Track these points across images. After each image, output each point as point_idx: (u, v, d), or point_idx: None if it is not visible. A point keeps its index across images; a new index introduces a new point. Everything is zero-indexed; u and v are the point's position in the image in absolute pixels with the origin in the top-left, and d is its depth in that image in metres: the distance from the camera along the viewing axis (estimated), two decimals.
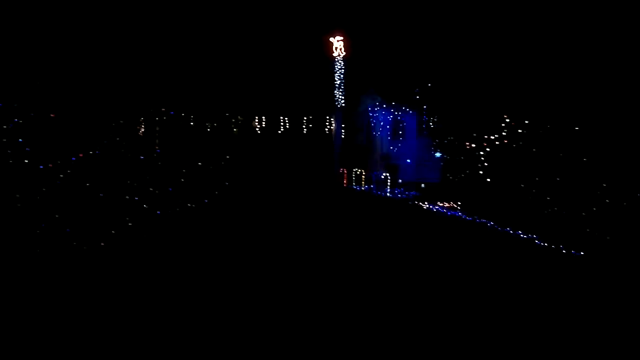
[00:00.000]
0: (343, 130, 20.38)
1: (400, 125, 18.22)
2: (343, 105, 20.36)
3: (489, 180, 13.39)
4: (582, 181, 10.91)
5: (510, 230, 12.31)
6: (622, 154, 10.36)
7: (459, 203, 14.81)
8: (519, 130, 12.37)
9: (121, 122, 9.63)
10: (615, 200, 10.46)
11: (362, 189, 18.91)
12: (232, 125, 18.47)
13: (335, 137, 20.39)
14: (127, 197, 9.34)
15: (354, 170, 19.42)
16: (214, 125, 17.08)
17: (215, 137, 16.79)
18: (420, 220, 14.49)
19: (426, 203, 15.75)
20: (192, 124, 13.88)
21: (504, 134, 12.91)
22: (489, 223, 12.96)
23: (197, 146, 13.55)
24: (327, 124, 20.45)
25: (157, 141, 11.16)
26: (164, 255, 8.95)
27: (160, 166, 10.66)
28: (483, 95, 14.17)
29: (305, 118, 20.09)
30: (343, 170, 20.06)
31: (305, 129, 20.17)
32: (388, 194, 17.56)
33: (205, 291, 7.74)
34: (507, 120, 12.70)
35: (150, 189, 10.00)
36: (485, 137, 13.42)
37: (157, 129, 11.63)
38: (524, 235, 11.95)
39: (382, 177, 17.77)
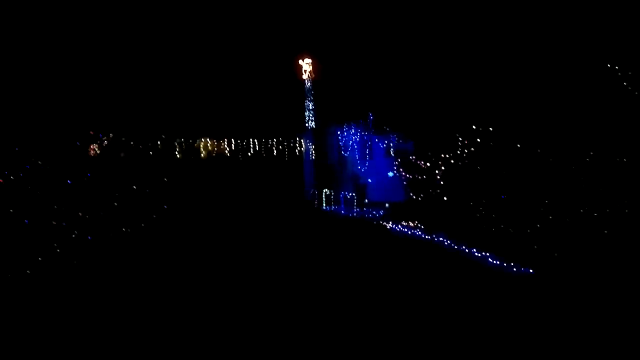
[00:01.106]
0: (313, 152, 20.47)
1: (368, 146, 18.34)
2: (313, 126, 20.51)
3: (445, 198, 13.48)
4: (531, 197, 11.01)
5: (465, 248, 12.35)
6: (569, 172, 10.48)
7: (420, 222, 14.86)
8: (472, 149, 12.49)
9: (46, 146, 9.56)
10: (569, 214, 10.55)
11: (332, 209, 18.95)
12: (180, 147, 18.53)
13: (306, 158, 20.48)
14: (54, 222, 9.26)
15: (324, 190, 19.47)
16: (160, 146, 17.15)
17: (167, 159, 16.90)
18: (382, 240, 14.53)
19: (390, 223, 15.79)
20: (134, 146, 13.73)
21: (459, 153, 13.03)
22: (446, 242, 13.00)
23: (139, 169, 13.38)
24: (298, 145, 20.55)
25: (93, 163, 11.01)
26: (96, 284, 8.83)
27: (91, 190, 10.52)
28: (442, 118, 14.34)
29: (275, 139, 20.18)
30: (313, 191, 20.09)
31: (275, 150, 20.25)
32: (354, 214, 17.61)
33: (143, 325, 7.50)
34: (462, 141, 12.83)
35: (80, 214, 9.86)
36: (442, 156, 13.54)
37: (94, 151, 11.50)
38: (478, 253, 12.00)
39: (349, 197, 17.84)
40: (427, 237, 13.85)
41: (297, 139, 20.54)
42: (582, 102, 10.47)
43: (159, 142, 17.71)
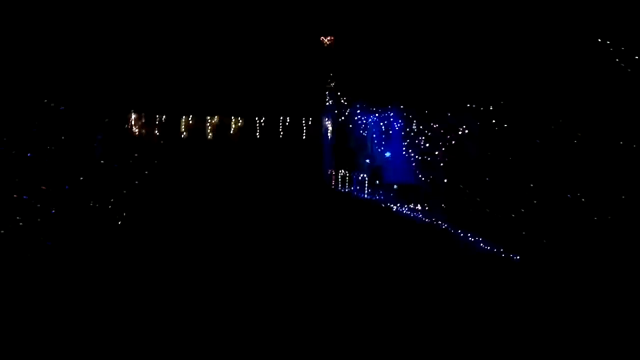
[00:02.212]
0: (332, 132, 20.15)
1: (385, 127, 17.87)
2: (333, 106, 20.16)
3: (445, 181, 12.94)
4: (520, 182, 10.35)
5: (460, 232, 11.83)
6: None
7: (425, 204, 14.37)
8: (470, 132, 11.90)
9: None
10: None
11: (346, 190, 18.65)
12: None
13: (324, 138, 20.19)
14: (15, 195, 9.37)
15: (340, 171, 19.18)
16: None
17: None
18: (383, 222, 14.22)
19: (397, 205, 15.37)
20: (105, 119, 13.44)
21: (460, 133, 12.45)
22: (443, 225, 12.49)
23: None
24: (317, 124, 20.26)
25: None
26: (60, 257, 8.88)
27: (55, 164, 10.34)
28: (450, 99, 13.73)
29: (291, 118, 19.97)
30: (331, 172, 19.82)
31: (293, 130, 20.05)
32: (365, 196, 17.27)
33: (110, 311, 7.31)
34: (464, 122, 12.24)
35: (43, 188, 9.78)
36: (445, 137, 12.97)
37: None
38: (471, 237, 11.47)
39: (360, 178, 17.53)
40: (426, 219, 13.39)
41: (317, 118, 20.25)
42: (580, 92, 9.72)
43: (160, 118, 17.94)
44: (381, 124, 17.89)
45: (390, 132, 17.39)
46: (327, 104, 20.01)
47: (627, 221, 8.90)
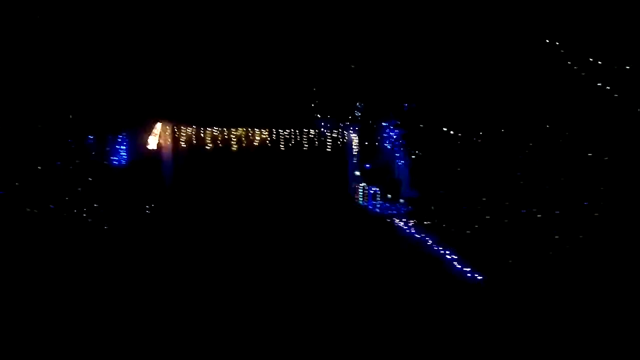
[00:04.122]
0: (358, 145, 20.15)
1: (401, 142, 17.70)
2: (359, 119, 20.15)
3: (432, 197, 12.57)
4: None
5: (446, 253, 11.48)
6: None
7: (420, 220, 14.04)
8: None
9: None
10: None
11: (365, 204, 18.59)
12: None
13: (349, 152, 20.23)
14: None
15: (361, 185, 19.13)
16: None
17: None
18: (383, 237, 14.11)
19: (403, 220, 15.15)
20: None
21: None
22: (428, 242, 12.17)
23: None
24: (342, 137, 20.33)
25: None
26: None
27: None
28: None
29: (317, 130, 20.16)
30: (355, 186, 19.82)
31: (317, 142, 20.24)
32: (377, 210, 17.14)
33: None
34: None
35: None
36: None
37: None
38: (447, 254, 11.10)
39: (372, 192, 17.46)
40: (418, 236, 13.12)
41: (343, 131, 20.31)
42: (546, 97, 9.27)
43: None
44: (398, 138, 17.72)
45: (405, 147, 17.20)
46: (356, 116, 19.95)
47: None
